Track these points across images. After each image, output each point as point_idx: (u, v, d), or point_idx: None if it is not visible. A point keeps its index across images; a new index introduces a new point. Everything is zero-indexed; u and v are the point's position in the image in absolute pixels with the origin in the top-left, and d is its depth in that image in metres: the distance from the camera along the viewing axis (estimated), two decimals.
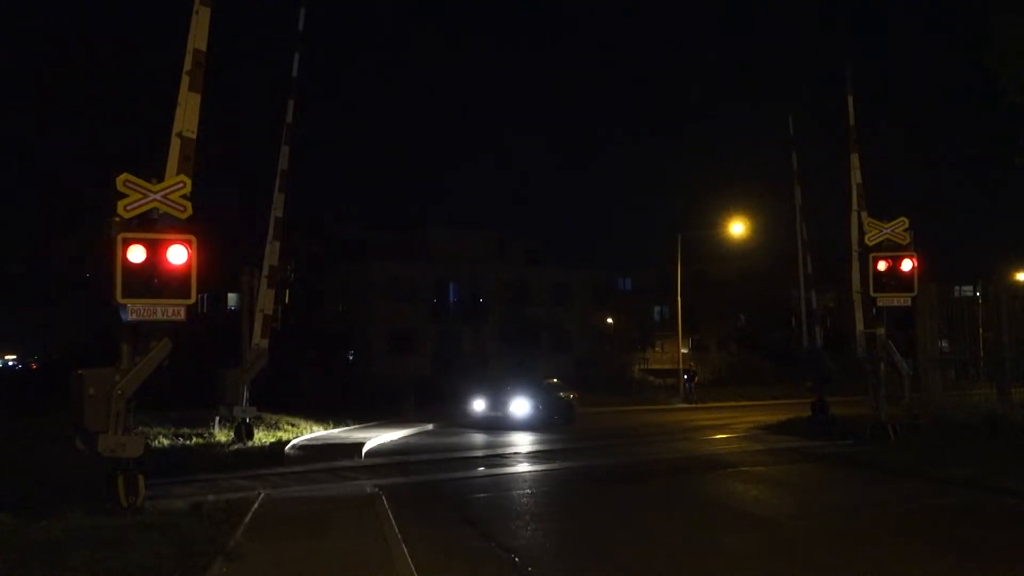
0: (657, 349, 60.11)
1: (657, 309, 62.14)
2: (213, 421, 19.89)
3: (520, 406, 22.82)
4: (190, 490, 11.98)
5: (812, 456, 16.44)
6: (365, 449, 17.99)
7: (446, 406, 26.82)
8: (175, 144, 10.45)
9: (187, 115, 10.57)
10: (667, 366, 51.93)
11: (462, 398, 24.90)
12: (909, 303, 16.62)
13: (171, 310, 9.82)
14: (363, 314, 44.84)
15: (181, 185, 10.08)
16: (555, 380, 25.75)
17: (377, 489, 12.24)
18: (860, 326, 18.17)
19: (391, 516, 10.10)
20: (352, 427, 22.68)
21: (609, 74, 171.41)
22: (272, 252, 19.24)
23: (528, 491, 12.83)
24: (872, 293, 16.28)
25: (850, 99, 18.89)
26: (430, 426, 24.17)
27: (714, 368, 52.62)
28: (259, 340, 19.14)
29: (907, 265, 16.06)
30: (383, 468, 15.11)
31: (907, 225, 16.06)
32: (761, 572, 8.06)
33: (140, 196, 9.77)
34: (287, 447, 17.95)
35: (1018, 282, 41.46)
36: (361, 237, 47.93)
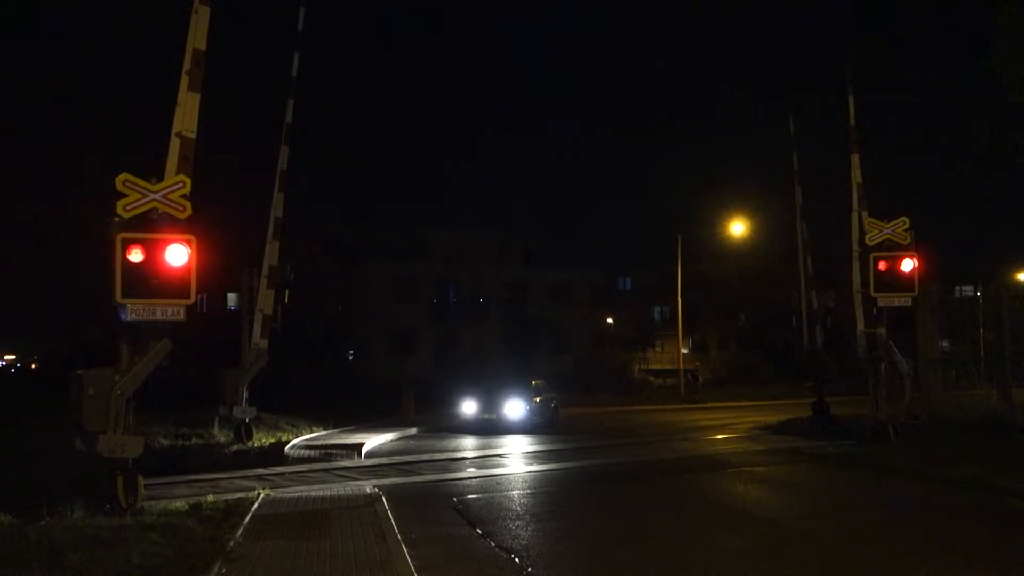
0: (657, 349, 60.07)
1: (657, 309, 62.09)
2: (213, 421, 19.86)
3: (511, 407, 22.76)
4: (190, 490, 11.97)
5: (813, 456, 16.42)
6: (364, 450, 17.96)
7: (446, 407, 26.77)
8: (174, 144, 10.44)
9: (186, 115, 10.56)
10: (667, 366, 51.89)
11: (458, 399, 24.85)
12: (909, 303, 16.61)
13: (170, 310, 9.81)
14: (363, 314, 44.80)
15: (181, 185, 10.07)
16: (542, 381, 25.66)
17: (377, 490, 12.24)
18: (860, 326, 18.15)
19: (391, 516, 10.10)
20: (352, 428, 22.65)
21: (609, 73, 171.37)
22: (272, 252, 19.21)
23: (528, 491, 12.81)
24: (872, 293, 16.28)
25: (850, 99, 18.89)
26: (430, 427, 24.15)
27: (714, 368, 52.58)
28: (259, 340, 19.12)
29: (907, 265, 16.05)
30: (382, 469, 15.10)
31: (907, 225, 16.05)
32: (762, 572, 8.05)
33: (140, 196, 9.77)
34: (287, 447, 17.93)
35: (1018, 282, 41.44)
36: (361, 237, 47.92)
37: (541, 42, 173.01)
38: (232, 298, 39.70)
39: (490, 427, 22.69)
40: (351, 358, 45.87)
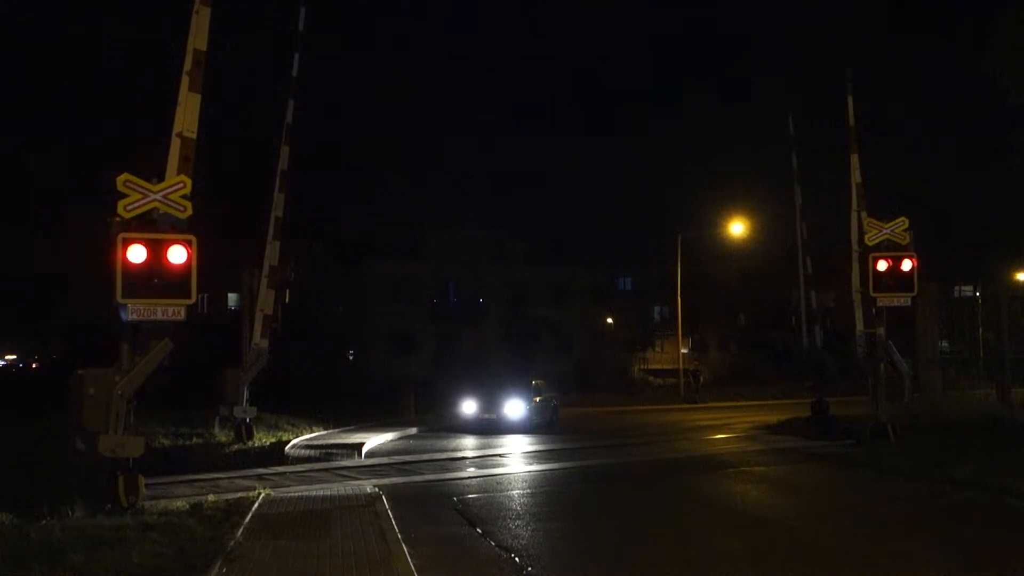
0: (657, 349, 60.07)
1: (657, 309, 62.07)
2: (213, 421, 19.88)
3: (511, 407, 22.77)
4: (190, 490, 11.97)
5: (812, 456, 16.43)
6: (365, 449, 17.98)
7: (446, 407, 26.78)
8: (175, 144, 10.47)
9: (187, 115, 10.58)
10: (667, 366, 51.91)
11: (458, 399, 24.88)
12: (909, 303, 16.64)
13: (171, 310, 9.83)
14: (363, 314, 44.84)
15: (181, 185, 10.10)
16: (542, 381, 25.66)
17: (377, 489, 12.25)
18: (860, 326, 18.17)
19: (391, 516, 10.11)
20: (352, 428, 22.66)
21: (609, 74, 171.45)
22: (272, 252, 19.24)
23: (528, 491, 12.83)
24: (872, 293, 16.30)
25: (850, 99, 18.91)
26: (430, 427, 24.16)
27: (714, 368, 52.63)
28: (259, 340, 19.14)
29: (907, 265, 16.08)
30: (383, 468, 15.11)
31: (907, 225, 16.08)
32: (762, 572, 8.06)
33: (140, 196, 9.79)
34: (287, 447, 17.94)
35: (1018, 282, 41.42)
36: (361, 237, 47.94)
37: (541, 41, 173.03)
38: (232, 298, 39.73)
39: (490, 427, 22.69)
40: (351, 358, 45.88)
